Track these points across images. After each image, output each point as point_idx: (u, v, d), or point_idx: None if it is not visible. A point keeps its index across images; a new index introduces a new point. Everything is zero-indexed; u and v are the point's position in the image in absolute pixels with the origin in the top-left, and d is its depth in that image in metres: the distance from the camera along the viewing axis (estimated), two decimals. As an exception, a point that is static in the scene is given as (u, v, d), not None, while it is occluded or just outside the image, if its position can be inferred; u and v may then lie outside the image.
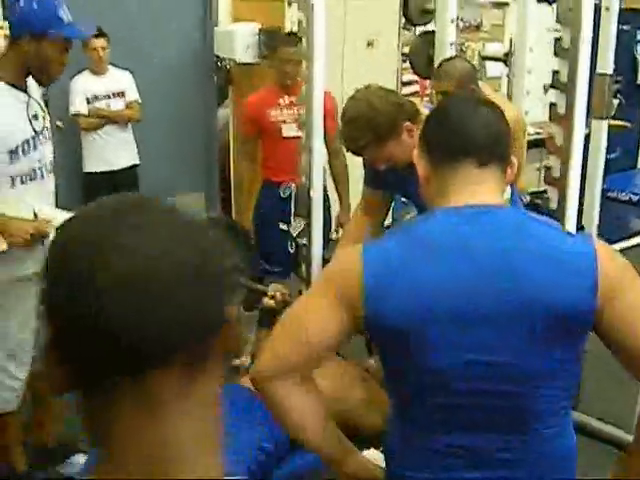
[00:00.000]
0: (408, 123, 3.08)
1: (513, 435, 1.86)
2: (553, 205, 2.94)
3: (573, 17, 2.80)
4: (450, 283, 1.76)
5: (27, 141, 3.31)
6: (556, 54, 2.88)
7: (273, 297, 3.33)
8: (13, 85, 3.29)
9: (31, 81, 3.38)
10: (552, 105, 2.93)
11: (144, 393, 0.93)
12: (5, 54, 3.38)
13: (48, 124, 3.49)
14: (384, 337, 1.86)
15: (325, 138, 4.85)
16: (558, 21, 2.85)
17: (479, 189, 1.87)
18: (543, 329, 1.76)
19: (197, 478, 0.96)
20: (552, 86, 2.94)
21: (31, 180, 3.35)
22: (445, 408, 1.85)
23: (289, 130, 4.87)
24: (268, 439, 2.70)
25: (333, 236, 5.09)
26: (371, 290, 1.78)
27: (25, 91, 3.34)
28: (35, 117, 3.37)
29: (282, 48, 4.89)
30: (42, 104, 3.46)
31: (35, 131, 3.35)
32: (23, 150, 3.29)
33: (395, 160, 3.13)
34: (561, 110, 2.89)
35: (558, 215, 2.97)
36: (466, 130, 1.89)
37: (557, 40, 2.87)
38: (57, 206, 3.54)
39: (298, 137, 3.79)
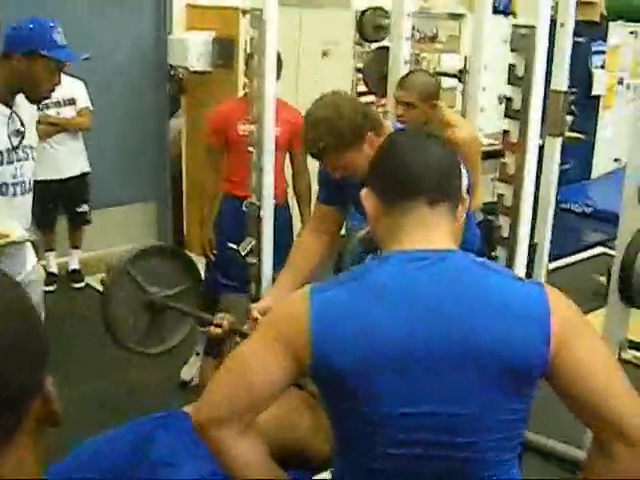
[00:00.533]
0: (371, 134, 3.04)
1: None
2: (505, 233, 2.92)
3: (526, 44, 2.77)
4: (398, 332, 1.72)
5: (0, 152, 3.26)
6: (510, 82, 2.86)
7: (219, 325, 3.27)
8: None
9: (23, 101, 3.36)
10: (505, 132, 2.91)
11: None
12: None
13: (33, 144, 3.44)
14: (329, 384, 1.82)
15: (290, 154, 4.83)
16: (512, 49, 2.82)
17: (431, 232, 1.83)
18: (492, 380, 1.72)
19: None
20: (505, 114, 2.91)
21: (1, 195, 3.29)
22: (388, 456, 1.80)
23: None
24: (216, 472, 2.64)
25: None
26: (318, 339, 1.74)
27: (9, 106, 3.31)
28: (17, 133, 3.33)
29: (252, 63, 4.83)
30: (26, 124, 3.40)
31: (13, 146, 3.30)
32: None
33: (352, 169, 3.08)
34: (514, 138, 2.87)
35: (510, 242, 2.95)
36: (416, 169, 1.85)
37: (511, 67, 2.84)
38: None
39: None
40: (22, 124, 3.36)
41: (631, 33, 10.35)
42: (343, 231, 3.87)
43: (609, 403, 1.75)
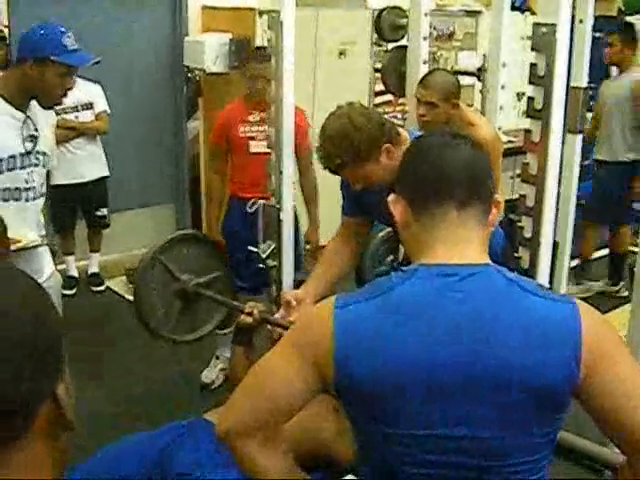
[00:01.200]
0: (388, 145, 3.03)
1: None
2: (527, 234, 2.89)
3: (547, 43, 2.75)
4: (425, 354, 1.67)
5: (14, 157, 3.29)
6: (531, 82, 2.83)
7: (250, 314, 3.26)
8: (11, 103, 3.30)
9: (38, 107, 3.39)
10: (527, 132, 2.88)
11: None
12: (9, 73, 3.48)
13: (47, 150, 3.45)
14: (352, 401, 1.79)
15: (296, 155, 4.82)
16: (533, 48, 2.79)
17: (461, 241, 1.77)
18: (519, 405, 1.68)
19: None
20: (527, 114, 2.88)
21: (15, 200, 3.31)
22: (410, 475, 1.77)
23: (257, 146, 4.81)
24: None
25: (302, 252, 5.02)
26: (342, 357, 1.71)
27: (24, 111, 3.33)
28: (31, 138, 3.35)
29: (252, 64, 4.82)
30: (40, 130, 3.42)
31: (27, 151, 3.33)
32: (8, 165, 3.26)
33: (372, 181, 3.08)
34: (535, 138, 2.84)
35: (533, 242, 2.92)
36: (445, 172, 1.79)
37: (532, 66, 2.82)
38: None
39: (267, 154, 3.73)
40: (36, 129, 3.37)
41: (649, 27, 10.27)
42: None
43: (637, 429, 1.70)
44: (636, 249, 3.22)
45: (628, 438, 1.73)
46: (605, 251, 7.45)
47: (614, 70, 7.55)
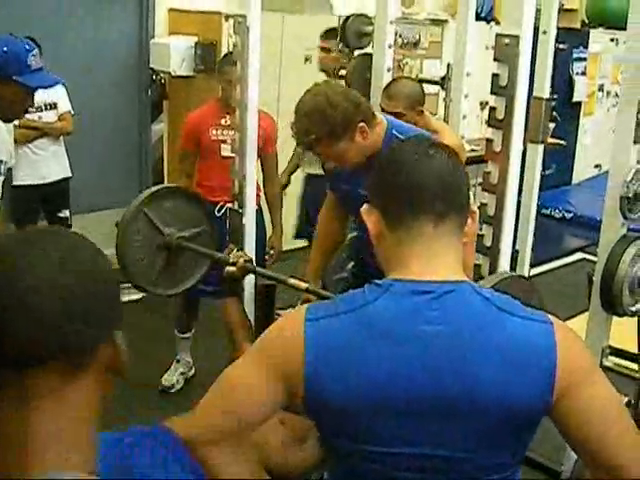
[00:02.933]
0: (363, 124, 3.04)
1: None
2: (487, 242, 2.92)
3: (510, 54, 2.78)
4: (398, 373, 1.64)
5: None
6: (493, 92, 2.86)
7: (234, 264, 3.28)
8: None
9: None
10: (488, 142, 2.91)
11: (17, 388, 1.12)
12: None
13: (2, 158, 3.44)
14: (324, 418, 1.77)
15: (261, 161, 4.83)
16: (496, 59, 2.82)
17: (437, 255, 1.72)
18: (491, 425, 1.67)
19: (40, 471, 1.09)
20: (489, 124, 2.91)
21: None
22: None
23: (228, 150, 4.81)
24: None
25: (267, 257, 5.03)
26: (312, 372, 1.67)
27: None
28: None
29: (226, 68, 4.82)
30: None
31: None
32: None
33: (344, 160, 3.11)
34: (497, 148, 2.88)
35: (493, 250, 2.95)
36: (419, 184, 1.73)
37: (494, 76, 2.85)
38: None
39: None
40: None
41: (612, 40, 10.40)
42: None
43: (610, 451, 1.69)
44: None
45: (597, 458, 1.72)
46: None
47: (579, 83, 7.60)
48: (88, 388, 1.17)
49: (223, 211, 4.76)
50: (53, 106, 6.15)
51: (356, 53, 5.01)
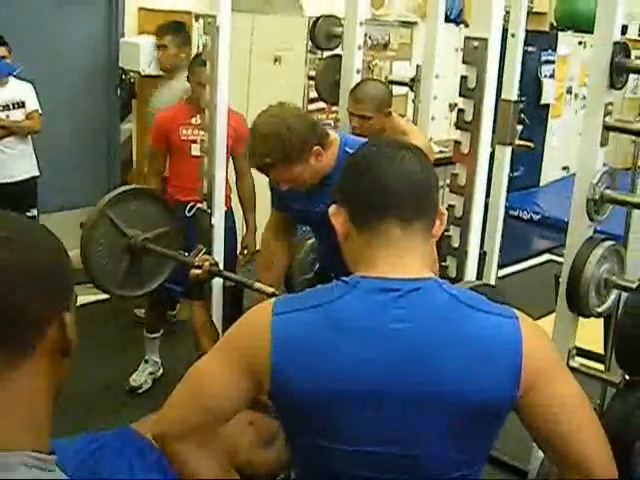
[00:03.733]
0: (318, 147, 3.05)
1: None
2: (455, 244, 2.94)
3: (479, 57, 2.80)
4: (363, 370, 1.66)
5: None
6: (461, 94, 2.88)
7: (200, 267, 3.27)
8: None
9: None
10: (456, 143, 2.93)
11: None
12: None
13: None
14: (289, 413, 1.78)
15: (233, 160, 4.83)
16: (464, 61, 2.84)
17: (404, 255, 1.74)
18: (459, 421, 1.68)
19: None
20: (457, 126, 2.93)
21: None
22: None
23: (198, 150, 4.80)
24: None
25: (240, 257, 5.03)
26: (279, 366, 1.68)
27: None
28: None
29: (198, 69, 4.81)
30: None
31: None
32: None
33: (299, 182, 3.12)
34: (465, 150, 2.89)
35: (460, 252, 2.97)
36: (387, 186, 1.74)
37: (463, 79, 2.87)
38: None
39: None
40: None
41: (580, 43, 10.48)
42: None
43: (575, 447, 1.72)
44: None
45: (562, 453, 1.74)
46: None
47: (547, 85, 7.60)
48: (37, 368, 1.16)
49: (193, 211, 4.76)
50: (21, 105, 6.10)
51: (325, 54, 5.01)
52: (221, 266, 3.59)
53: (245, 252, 5.05)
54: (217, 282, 3.54)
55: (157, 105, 5.61)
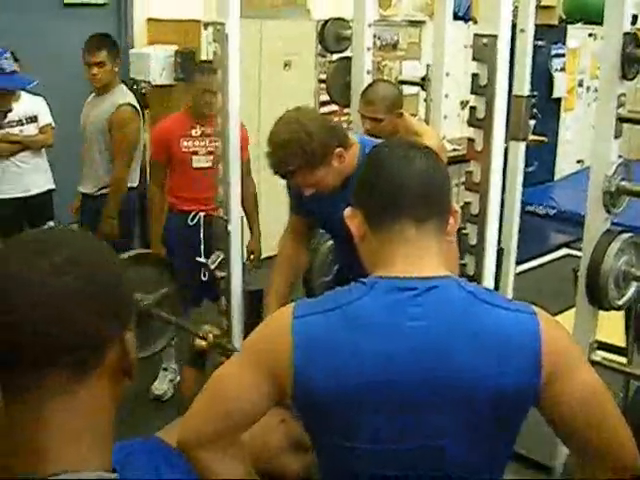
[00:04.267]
0: (340, 149, 3.05)
1: None
2: (472, 241, 2.94)
3: (489, 54, 2.79)
4: (384, 369, 1.67)
5: None
6: (473, 92, 2.87)
7: (204, 338, 3.25)
8: None
9: None
10: (470, 141, 2.92)
11: (31, 389, 1.12)
12: None
13: None
14: (312, 415, 1.80)
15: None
16: (474, 59, 2.83)
17: (420, 254, 1.76)
18: (482, 417, 1.70)
19: (62, 471, 1.10)
20: (469, 123, 2.93)
21: None
22: None
23: (199, 161, 4.80)
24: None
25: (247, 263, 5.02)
26: (301, 370, 1.70)
27: None
28: None
29: (197, 77, 4.81)
30: None
31: None
32: None
33: (323, 186, 3.11)
34: (478, 147, 2.89)
35: (478, 249, 2.96)
36: (401, 187, 1.77)
37: (474, 76, 2.86)
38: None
39: (209, 168, 3.71)
40: None
41: (590, 35, 10.45)
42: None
43: (599, 439, 1.74)
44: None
45: (584, 444, 1.76)
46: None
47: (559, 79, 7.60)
48: (100, 388, 1.17)
49: (196, 220, 4.75)
50: (34, 119, 6.14)
51: (335, 57, 5.01)
52: (239, 273, 3.59)
53: (252, 257, 5.04)
54: (236, 286, 3.54)
55: (96, 120, 5.38)
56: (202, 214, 3.69)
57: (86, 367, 1.15)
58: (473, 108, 2.92)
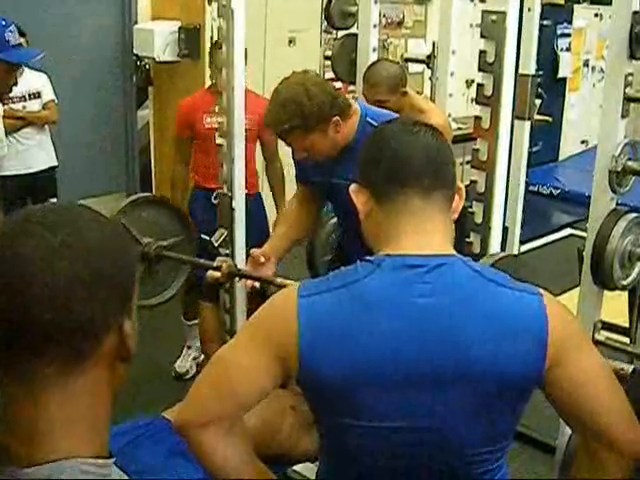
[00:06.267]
0: (337, 118, 3.04)
1: None
2: (478, 220, 2.92)
3: (497, 30, 2.77)
4: (390, 347, 1.67)
5: None
6: (480, 69, 2.85)
7: (218, 268, 3.27)
8: None
9: None
10: (477, 119, 2.90)
11: (26, 375, 1.10)
12: None
13: None
14: (318, 394, 1.79)
15: (262, 145, 4.84)
16: (482, 36, 2.81)
17: (426, 230, 1.76)
18: (487, 396, 1.70)
19: (57, 458, 1.10)
20: (477, 101, 2.91)
21: None
22: (373, 468, 1.79)
23: None
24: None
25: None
26: (307, 349, 1.69)
27: None
28: None
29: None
30: None
31: None
32: None
33: (315, 152, 3.12)
34: (485, 125, 2.87)
35: (483, 227, 2.95)
36: (406, 160, 1.77)
37: (481, 53, 2.84)
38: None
39: None
40: None
41: (596, 15, 10.40)
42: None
43: (602, 419, 1.74)
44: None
45: (587, 425, 1.77)
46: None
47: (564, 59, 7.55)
48: (96, 374, 1.15)
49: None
50: (37, 95, 6.11)
51: (340, 34, 4.99)
52: (242, 250, 3.59)
53: None
54: (240, 264, 3.53)
55: None
56: (220, 190, 3.66)
57: (82, 354, 1.13)
58: (480, 85, 2.90)
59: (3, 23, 3.26)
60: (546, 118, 6.63)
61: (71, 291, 1.09)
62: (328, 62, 5.40)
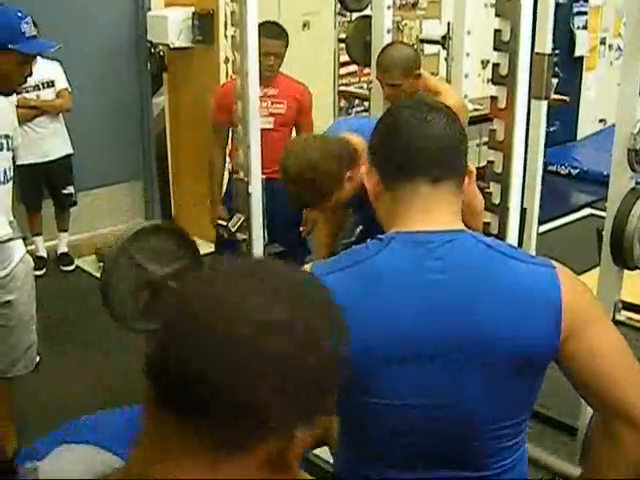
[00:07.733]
0: (349, 174, 3.08)
1: (466, 471, 1.80)
2: (495, 200, 2.90)
3: (512, 9, 2.74)
4: (404, 324, 1.67)
5: None
6: (496, 48, 2.82)
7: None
8: None
9: None
10: (493, 99, 2.88)
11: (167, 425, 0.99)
12: None
13: (8, 132, 3.43)
14: None
15: (297, 132, 4.85)
16: (497, 14, 2.78)
17: (435, 210, 1.76)
18: (503, 371, 1.69)
19: None
20: (492, 81, 2.88)
21: None
22: (391, 445, 1.79)
23: (261, 123, 4.78)
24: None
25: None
26: None
27: None
28: None
29: (263, 40, 4.76)
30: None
31: None
32: None
33: (341, 202, 3.21)
34: (501, 104, 2.84)
35: (501, 208, 2.93)
36: (417, 146, 1.77)
37: (496, 32, 2.81)
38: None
39: (270, 130, 3.88)
40: None
41: (612, -8, 10.31)
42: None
43: (618, 391, 1.73)
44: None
45: (603, 398, 1.75)
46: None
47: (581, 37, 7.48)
48: (243, 474, 0.99)
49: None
50: (50, 84, 6.13)
51: (354, 16, 4.96)
52: (259, 235, 3.57)
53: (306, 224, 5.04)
54: (257, 249, 3.53)
55: None
56: (263, 177, 3.64)
57: (240, 445, 0.98)
58: (496, 65, 2.87)
59: (19, 15, 3.26)
60: (563, 97, 6.57)
61: (265, 374, 0.97)
62: (342, 45, 5.39)
